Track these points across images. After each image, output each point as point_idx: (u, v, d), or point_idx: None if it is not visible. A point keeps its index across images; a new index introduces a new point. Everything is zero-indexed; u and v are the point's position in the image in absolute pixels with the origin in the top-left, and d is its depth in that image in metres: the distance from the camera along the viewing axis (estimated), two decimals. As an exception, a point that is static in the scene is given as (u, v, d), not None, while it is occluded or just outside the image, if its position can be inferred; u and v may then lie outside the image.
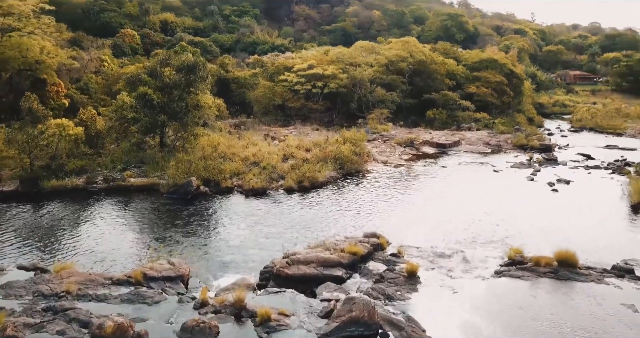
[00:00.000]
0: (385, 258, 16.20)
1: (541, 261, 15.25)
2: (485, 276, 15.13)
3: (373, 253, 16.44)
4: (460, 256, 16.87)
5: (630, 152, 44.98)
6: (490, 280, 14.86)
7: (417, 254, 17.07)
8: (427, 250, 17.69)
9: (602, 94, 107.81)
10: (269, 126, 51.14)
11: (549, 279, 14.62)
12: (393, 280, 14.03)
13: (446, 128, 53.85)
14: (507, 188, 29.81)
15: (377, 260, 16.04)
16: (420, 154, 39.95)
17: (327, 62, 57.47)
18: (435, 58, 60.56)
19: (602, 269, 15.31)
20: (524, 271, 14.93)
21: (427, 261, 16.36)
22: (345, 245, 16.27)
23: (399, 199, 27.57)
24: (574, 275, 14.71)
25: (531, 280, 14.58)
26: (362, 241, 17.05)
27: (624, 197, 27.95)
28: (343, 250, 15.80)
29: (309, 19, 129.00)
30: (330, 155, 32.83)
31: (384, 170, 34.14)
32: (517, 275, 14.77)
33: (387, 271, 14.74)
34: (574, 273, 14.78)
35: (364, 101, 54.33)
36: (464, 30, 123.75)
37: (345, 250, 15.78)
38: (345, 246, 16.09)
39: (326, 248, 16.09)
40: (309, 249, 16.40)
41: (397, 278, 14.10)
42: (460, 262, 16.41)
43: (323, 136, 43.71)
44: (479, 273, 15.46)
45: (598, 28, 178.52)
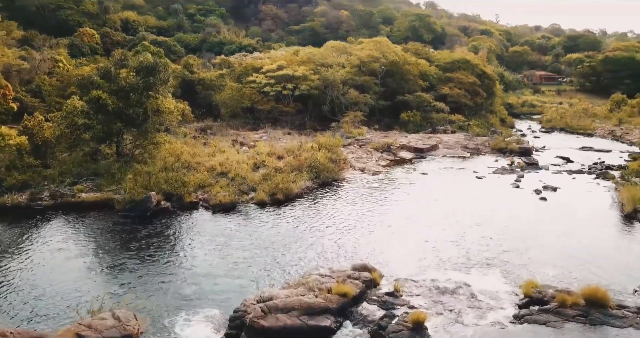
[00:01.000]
0: (381, 299, 13.64)
1: (567, 301, 12.89)
2: (503, 323, 12.74)
3: (365, 292, 13.91)
4: (466, 292, 14.52)
5: (605, 154, 44.13)
6: (510, 328, 12.47)
7: (417, 290, 14.63)
8: (427, 284, 15.26)
9: (567, 94, 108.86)
10: (238, 130, 48.09)
11: (578, 324, 12.40)
12: (395, 334, 11.45)
13: (421, 130, 51.99)
14: (494, 197, 27.85)
15: (371, 300, 13.50)
16: (398, 159, 37.77)
17: (297, 63, 54.77)
18: (408, 58, 58.69)
19: (637, 308, 13.18)
20: (549, 314, 12.66)
21: (430, 300, 13.93)
22: (332, 282, 13.66)
23: (381, 212, 25.17)
24: (607, 318, 12.50)
25: (559, 326, 12.29)
26: (351, 276, 14.47)
27: (614, 205, 26.39)
28: (330, 290, 13.19)
29: (276, 19, 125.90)
30: (305, 163, 30.20)
31: (362, 178, 31.74)
32: (541, 320, 12.47)
33: (385, 319, 12.18)
34: (607, 316, 12.57)
35: (336, 103, 51.90)
36: (432, 30, 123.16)
37: (332, 290, 13.17)
38: (331, 284, 13.49)
39: (309, 287, 13.44)
40: (288, 289, 13.69)
41: (401, 331, 11.52)
42: (468, 300, 14.05)
43: (296, 140, 41.04)
44: (495, 317, 13.11)
45: (559, 29, 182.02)
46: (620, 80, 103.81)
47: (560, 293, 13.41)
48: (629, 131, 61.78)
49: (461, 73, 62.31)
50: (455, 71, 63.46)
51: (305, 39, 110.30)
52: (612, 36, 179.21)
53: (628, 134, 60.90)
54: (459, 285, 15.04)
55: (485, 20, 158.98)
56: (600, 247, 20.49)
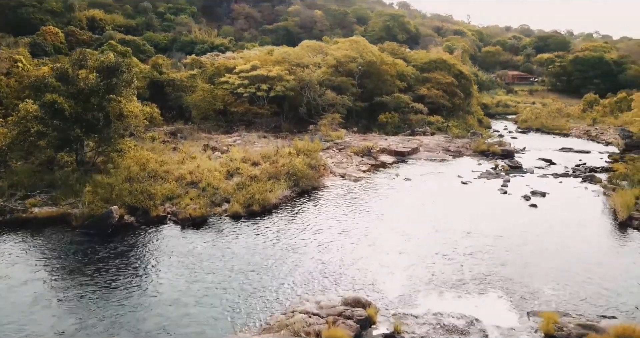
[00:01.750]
0: (380, 344, 11.75)
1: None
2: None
3: (361, 334, 11.94)
4: (476, 330, 12.67)
5: (585, 155, 43.43)
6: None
7: (420, 329, 12.69)
8: (429, 320, 13.34)
9: (540, 93, 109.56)
10: (210, 133, 45.56)
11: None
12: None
13: (399, 132, 50.46)
14: (482, 204, 26.28)
15: (367, 346, 11.59)
16: (379, 163, 35.99)
17: (271, 63, 52.50)
18: (385, 59, 57.08)
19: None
20: (579, 362, 10.97)
21: (438, 344, 12.06)
22: (321, 323, 11.63)
23: (366, 224, 23.24)
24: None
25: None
26: (342, 313, 12.46)
27: (606, 211, 25.16)
28: (319, 335, 11.18)
29: (249, 18, 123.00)
30: (282, 170, 28.05)
31: (343, 185, 29.79)
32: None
33: (387, 374, 10.31)
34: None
35: (313, 104, 49.87)
36: (406, 30, 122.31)
37: (322, 336, 11.15)
38: (321, 326, 11.45)
39: (294, 331, 11.37)
40: (269, 333, 11.57)
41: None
42: (480, 341, 12.23)
43: (272, 144, 38.86)
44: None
45: (528, 30, 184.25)
46: (589, 80, 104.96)
47: (587, 333, 11.67)
48: (604, 131, 61.67)
49: (438, 73, 61.15)
50: (432, 71, 62.26)
51: (279, 39, 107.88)
52: (578, 37, 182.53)
53: (603, 134, 60.76)
54: (466, 321, 13.19)
55: (458, 21, 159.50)
56: (602, 261, 19.05)
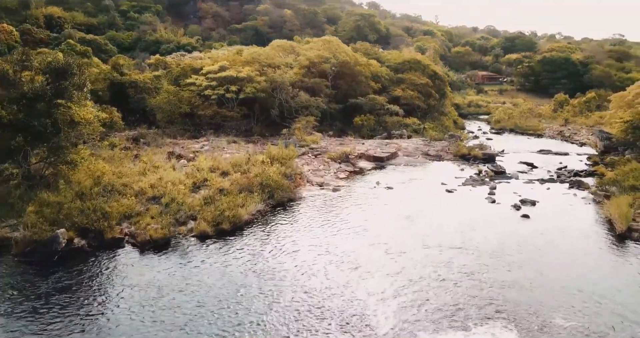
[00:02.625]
0: None
1: None
2: None
3: None
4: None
5: (565, 157, 42.40)
6: None
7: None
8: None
9: (509, 93, 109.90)
10: (176, 138, 42.46)
11: None
12: None
13: (375, 135, 48.48)
14: (471, 215, 24.30)
15: None
16: (357, 170, 33.76)
17: (241, 63, 49.68)
18: (359, 59, 55.01)
19: None
20: None
21: None
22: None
23: (349, 242, 20.90)
24: None
25: None
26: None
27: (601, 221, 23.59)
28: None
29: (217, 17, 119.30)
30: (255, 181, 25.44)
31: (321, 196, 27.39)
32: None
33: None
34: None
35: (286, 107, 47.30)
36: (377, 30, 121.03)
37: None
38: None
39: None
40: None
41: None
42: None
43: (242, 150, 36.18)
44: None
45: (495, 30, 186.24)
46: (557, 80, 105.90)
47: None
48: (577, 131, 61.39)
49: (413, 74, 59.55)
50: (406, 71, 60.64)
51: (248, 39, 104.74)
52: (542, 38, 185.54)
53: (576, 134, 60.43)
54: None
55: (427, 21, 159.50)
56: (609, 281, 17.26)
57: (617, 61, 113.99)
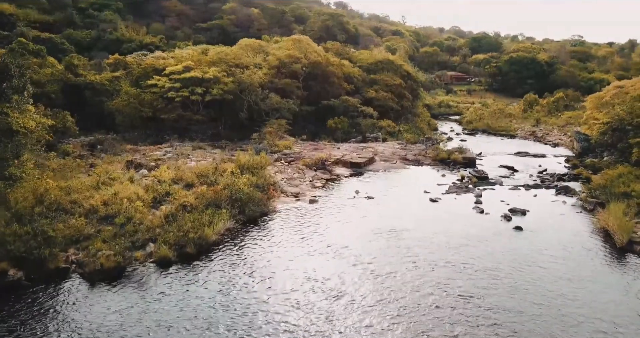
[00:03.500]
0: None
1: None
2: None
3: None
4: None
5: (542, 160, 41.32)
6: None
7: None
8: None
9: (478, 93, 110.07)
10: (136, 144, 39.17)
11: None
12: None
13: (349, 137, 46.36)
14: (460, 228, 22.31)
15: None
16: (334, 177, 31.45)
17: (207, 64, 46.61)
18: (331, 59, 52.77)
19: None
20: None
21: None
22: None
23: (330, 266, 18.52)
24: None
25: None
26: None
27: (596, 231, 22.01)
28: None
29: (181, 16, 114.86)
30: (224, 195, 22.76)
31: (297, 209, 24.91)
32: None
33: None
34: None
35: (255, 109, 44.54)
36: (346, 30, 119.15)
37: None
38: None
39: None
40: None
41: None
42: None
43: (209, 157, 33.39)
44: None
45: (460, 31, 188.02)
46: (524, 80, 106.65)
47: None
48: (549, 132, 60.96)
49: (385, 75, 57.77)
50: (379, 72, 58.81)
51: (215, 38, 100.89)
52: (505, 38, 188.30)
53: (548, 135, 59.98)
54: None
55: (395, 21, 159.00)
56: (624, 308, 15.48)
57: (579, 62, 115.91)
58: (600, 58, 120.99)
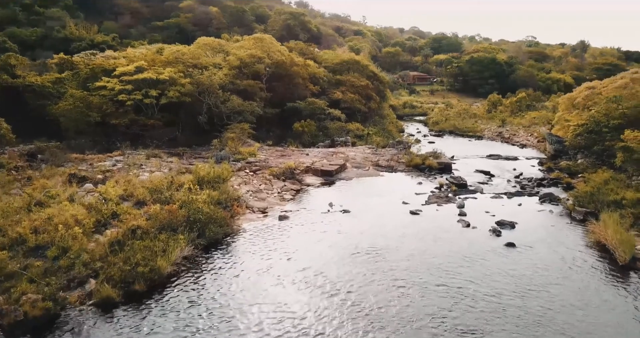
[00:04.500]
0: None
1: None
2: None
3: None
4: None
5: (515, 163, 40.03)
6: None
7: None
8: None
9: (440, 94, 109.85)
10: (84, 153, 35.15)
11: None
12: None
13: (317, 141, 43.77)
14: (447, 246, 20.01)
15: None
16: (305, 187, 28.69)
17: (162, 64, 42.92)
18: (295, 59, 49.98)
19: None
20: None
21: None
22: None
23: (306, 300, 15.75)
24: None
25: None
26: None
27: (592, 246, 20.19)
28: None
29: (136, 13, 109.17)
30: (180, 215, 19.59)
31: (265, 227, 22.01)
32: None
33: None
34: None
35: (216, 112, 41.22)
36: (307, 30, 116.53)
37: None
38: None
39: None
40: None
41: None
42: None
43: (165, 167, 30.00)
44: None
45: (420, 32, 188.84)
46: (485, 80, 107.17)
47: None
48: (515, 133, 60.32)
49: (352, 75, 55.49)
50: (344, 73, 56.48)
51: (172, 37, 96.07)
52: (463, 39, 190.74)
53: (515, 135, 59.32)
54: None
55: (357, 21, 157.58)
56: None
57: (536, 62, 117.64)
58: (555, 58, 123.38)
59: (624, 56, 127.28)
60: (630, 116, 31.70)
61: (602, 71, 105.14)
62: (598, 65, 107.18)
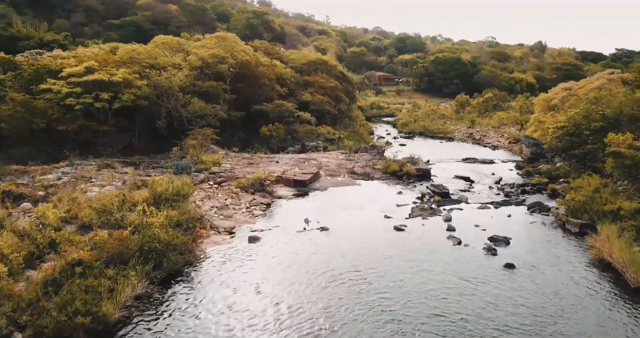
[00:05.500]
0: None
1: None
2: None
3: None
4: None
5: (492, 166, 38.56)
6: None
7: None
8: None
9: (406, 94, 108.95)
10: (26, 164, 31.12)
11: None
12: None
13: (286, 146, 41.06)
14: (440, 270, 17.67)
15: None
16: (276, 200, 25.90)
17: (115, 64, 39.11)
18: (261, 59, 47.02)
19: None
20: None
21: None
22: None
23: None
24: None
25: None
26: None
27: (596, 265, 18.35)
28: None
29: (90, 11, 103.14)
30: (132, 243, 16.47)
31: (233, 251, 19.11)
32: None
33: None
34: None
35: (176, 116, 37.82)
36: (271, 29, 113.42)
37: None
38: None
39: None
40: None
41: None
42: None
43: (118, 180, 26.59)
44: None
45: (384, 32, 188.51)
46: (450, 80, 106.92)
47: None
48: (486, 133, 59.35)
49: (320, 76, 52.97)
50: (312, 73, 53.91)
51: (129, 36, 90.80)
52: (426, 39, 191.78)
53: (486, 136, 58.31)
54: None
55: (321, 21, 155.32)
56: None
57: (499, 62, 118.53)
58: (517, 58, 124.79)
59: (581, 56, 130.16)
60: (610, 118, 30.45)
61: (562, 70, 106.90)
62: (558, 65, 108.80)
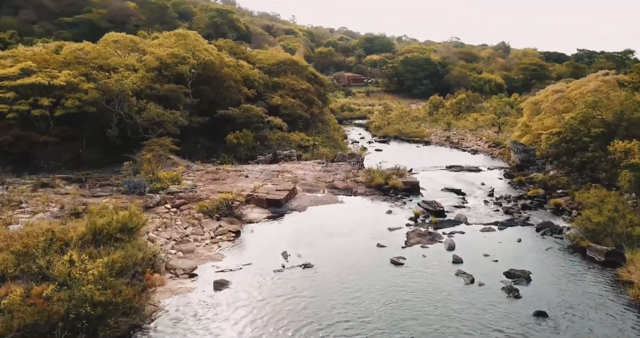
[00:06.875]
0: None
1: None
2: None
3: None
4: None
5: (479, 175, 35.70)
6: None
7: None
8: None
9: (376, 95, 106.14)
10: (-56, 184, 25.80)
11: None
12: None
13: (255, 154, 36.88)
14: (457, 322, 14.09)
15: None
16: (247, 225, 21.70)
17: (58, 65, 33.85)
18: (226, 59, 42.53)
19: None
20: None
21: None
22: None
23: None
24: None
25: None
26: None
27: (635, 305, 15.14)
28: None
29: (40, 8, 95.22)
30: (57, 308, 12.02)
31: (195, 302, 14.85)
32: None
33: None
34: None
35: (129, 124, 32.96)
36: (236, 28, 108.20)
37: None
38: None
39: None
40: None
41: None
42: None
43: (54, 205, 21.82)
44: None
45: (350, 32, 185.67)
46: (420, 81, 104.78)
47: None
48: (463, 137, 56.73)
49: (291, 77, 48.87)
50: (282, 74, 49.75)
51: (84, 34, 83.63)
52: (392, 40, 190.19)
53: (464, 140, 55.64)
54: None
55: (286, 20, 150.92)
56: None
57: (467, 62, 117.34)
58: (484, 59, 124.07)
59: (544, 56, 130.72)
60: (611, 123, 27.73)
61: (529, 70, 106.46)
62: (524, 65, 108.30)
